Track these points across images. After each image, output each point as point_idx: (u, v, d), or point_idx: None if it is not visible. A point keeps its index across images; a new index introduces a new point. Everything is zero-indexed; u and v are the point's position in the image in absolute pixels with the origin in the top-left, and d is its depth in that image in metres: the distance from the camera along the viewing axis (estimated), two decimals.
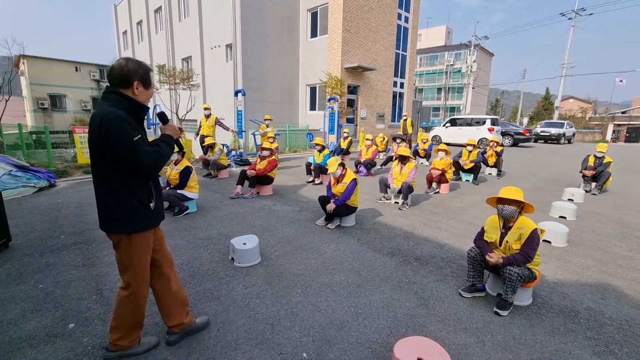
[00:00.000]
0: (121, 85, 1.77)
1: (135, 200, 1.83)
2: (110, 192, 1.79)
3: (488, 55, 46.15)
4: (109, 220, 1.83)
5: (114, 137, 1.66)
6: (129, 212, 1.82)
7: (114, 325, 1.99)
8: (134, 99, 1.81)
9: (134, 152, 1.70)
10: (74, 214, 4.89)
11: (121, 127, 1.67)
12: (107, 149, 1.69)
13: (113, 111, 1.68)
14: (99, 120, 1.66)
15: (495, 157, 8.89)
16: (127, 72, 1.76)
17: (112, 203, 1.80)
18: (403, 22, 19.04)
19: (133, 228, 1.85)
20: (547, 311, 2.72)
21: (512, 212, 2.68)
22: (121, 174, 1.77)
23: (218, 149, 7.60)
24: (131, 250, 1.89)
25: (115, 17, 26.72)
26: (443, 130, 18.31)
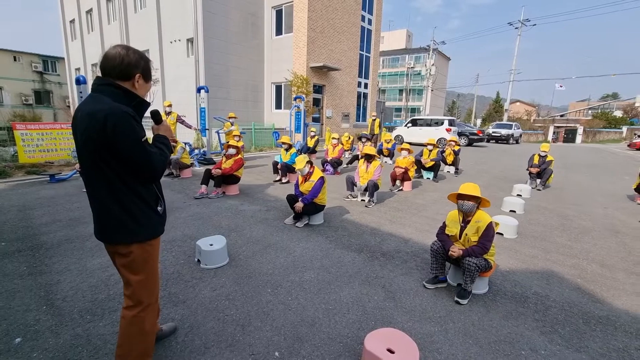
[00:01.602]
0: (120, 77, 1.57)
1: (144, 205, 1.66)
2: (116, 199, 1.59)
3: (445, 60, 48.58)
4: (116, 230, 1.62)
5: (122, 136, 1.47)
6: (140, 219, 1.64)
7: (121, 353, 1.74)
8: (134, 94, 1.61)
9: (144, 153, 1.54)
10: (17, 219, 4.46)
11: (130, 126, 1.49)
12: (112, 149, 1.49)
13: (119, 107, 1.49)
14: (103, 116, 1.44)
15: (453, 155, 9.41)
16: (127, 63, 1.56)
17: (118, 211, 1.60)
18: (366, 24, 19.49)
19: (146, 236, 1.68)
20: (501, 298, 2.94)
21: (470, 207, 2.86)
22: (126, 178, 1.58)
23: (180, 147, 7.29)
24: (144, 260, 1.70)
25: (61, 4, 24.57)
26: (405, 130, 19.00)
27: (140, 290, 1.73)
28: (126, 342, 1.74)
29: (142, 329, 1.76)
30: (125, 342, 1.74)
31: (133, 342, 1.75)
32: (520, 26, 31.44)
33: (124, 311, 1.74)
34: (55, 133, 7.24)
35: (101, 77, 1.58)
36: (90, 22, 21.68)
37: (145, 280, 1.73)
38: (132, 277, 1.70)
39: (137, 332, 1.75)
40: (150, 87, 1.72)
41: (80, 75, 6.45)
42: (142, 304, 1.74)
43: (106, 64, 1.55)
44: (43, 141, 7.16)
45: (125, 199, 1.60)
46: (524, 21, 31.31)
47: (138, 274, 1.71)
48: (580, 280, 3.34)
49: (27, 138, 6.92)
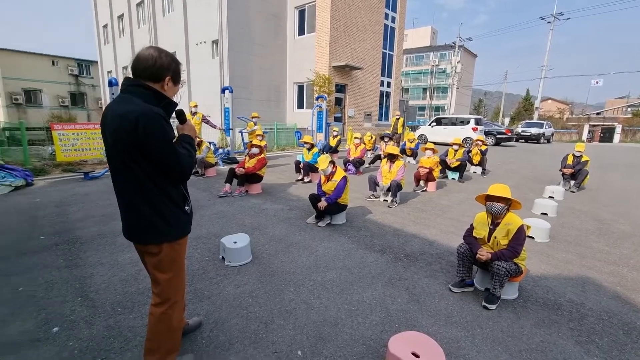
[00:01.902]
0: (150, 79, 1.59)
1: (173, 205, 1.69)
2: (145, 199, 1.62)
3: (471, 57, 47.14)
4: (146, 230, 1.65)
5: (154, 137, 1.50)
6: (170, 219, 1.68)
7: (150, 348, 1.80)
8: (163, 95, 1.63)
9: (174, 154, 1.57)
10: (54, 214, 4.72)
11: (161, 127, 1.52)
12: (143, 150, 1.51)
13: (150, 108, 1.51)
14: (135, 117, 1.46)
15: (480, 155, 9.11)
16: (160, 65, 1.59)
17: (148, 211, 1.63)
18: (390, 22, 19.21)
19: (175, 236, 1.72)
20: (532, 304, 2.80)
21: (500, 209, 2.75)
22: (156, 178, 1.60)
23: (205, 147, 7.48)
24: (173, 259, 1.75)
25: (94, 10, 25.84)
26: (429, 130, 18.60)
27: (168, 288, 1.77)
28: (155, 337, 1.79)
29: (170, 325, 1.81)
30: (154, 337, 1.79)
31: (161, 337, 1.80)
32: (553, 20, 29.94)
33: (152, 308, 1.79)
34: (89, 133, 7.61)
35: (131, 78, 1.60)
36: (121, 27, 22.67)
37: (173, 279, 1.78)
38: (161, 276, 1.74)
39: (166, 329, 1.80)
40: (178, 89, 1.74)
41: (112, 78, 6.75)
42: (170, 300, 1.79)
43: (138, 65, 1.57)
44: (78, 141, 7.54)
45: (155, 199, 1.63)
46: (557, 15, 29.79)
47: (166, 273, 1.75)
48: (619, 288, 3.14)
49: (64, 138, 7.32)
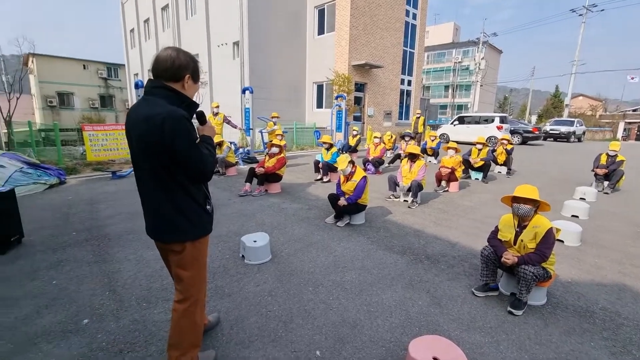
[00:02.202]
0: (171, 79, 1.61)
1: (196, 205, 1.72)
2: (169, 199, 1.65)
3: (496, 53, 45.64)
4: (170, 230, 1.69)
5: (179, 139, 1.52)
6: (193, 218, 1.71)
7: (173, 343, 1.84)
8: (185, 95, 1.66)
9: (199, 154, 1.60)
10: (85, 211, 4.94)
11: (186, 128, 1.54)
12: (169, 151, 1.54)
13: (176, 110, 1.54)
14: (161, 119, 1.49)
15: (505, 155, 8.80)
16: (178, 64, 1.60)
17: (172, 211, 1.66)
18: (411, 19, 18.88)
19: (197, 235, 1.75)
20: (562, 311, 2.67)
21: (527, 211, 2.63)
22: (180, 179, 1.63)
23: (226, 146, 7.62)
24: (195, 257, 1.79)
25: (122, 15, 26.88)
26: (451, 128, 18.16)
27: (190, 285, 1.81)
28: (178, 333, 1.83)
29: (193, 321, 1.85)
30: (177, 332, 1.83)
31: (184, 333, 1.84)
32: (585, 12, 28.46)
33: (175, 304, 1.83)
34: (117, 133, 7.92)
35: (154, 80, 1.63)
36: (147, 31, 23.45)
37: (195, 276, 1.81)
38: (184, 273, 1.78)
39: (188, 324, 1.84)
40: (198, 88, 1.77)
41: (138, 80, 7.00)
42: (192, 297, 1.83)
43: (158, 66, 1.60)
44: (107, 141, 7.86)
45: (178, 199, 1.66)
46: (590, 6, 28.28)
47: (189, 270, 1.78)
48: None
49: (94, 138, 7.65)
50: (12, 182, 5.54)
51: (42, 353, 2.09)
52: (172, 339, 1.84)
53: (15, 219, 3.65)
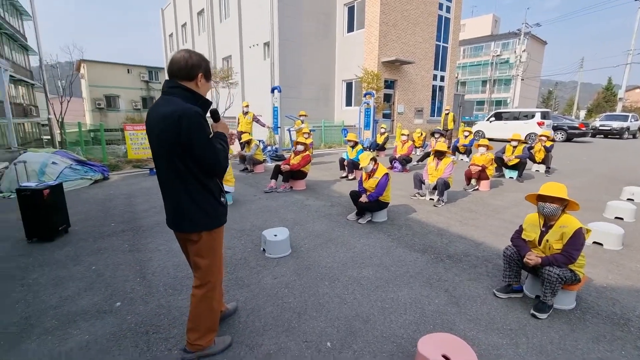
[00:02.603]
0: (185, 78, 1.72)
1: (212, 198, 1.83)
2: (187, 191, 1.76)
3: (540, 44, 42.83)
4: (189, 221, 1.81)
5: (195, 134, 1.63)
6: (208, 210, 1.82)
7: (192, 327, 1.96)
8: (199, 94, 1.76)
9: (212, 150, 1.70)
10: (124, 204, 5.33)
11: (201, 125, 1.65)
12: (185, 146, 1.66)
13: (192, 107, 1.64)
14: (178, 116, 1.60)
15: (543, 152, 8.28)
16: (191, 64, 1.71)
17: (188, 203, 1.77)
18: (444, 12, 18.24)
19: (214, 225, 1.87)
20: (592, 317, 2.51)
21: (553, 210, 2.50)
22: (197, 173, 1.74)
23: (254, 144, 7.85)
24: (211, 246, 1.91)
25: (162, 21, 28.39)
26: (487, 125, 17.38)
27: (207, 272, 1.94)
28: (196, 317, 1.96)
29: (211, 306, 1.97)
30: (195, 317, 1.96)
31: (202, 317, 1.96)
32: None
33: (194, 290, 1.96)
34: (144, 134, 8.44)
35: (170, 80, 1.75)
36: (184, 35, 24.61)
37: (211, 264, 1.94)
38: (201, 261, 1.91)
39: (206, 309, 1.96)
40: (210, 86, 1.87)
41: None
42: (210, 284, 1.95)
43: (173, 67, 1.71)
44: (145, 140, 8.39)
45: (196, 192, 1.78)
46: None
47: (206, 258, 1.91)
48: None
49: (134, 137, 8.20)
50: (63, 178, 6.10)
51: (80, 330, 2.32)
52: (191, 323, 1.98)
53: (63, 211, 4.03)
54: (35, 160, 5.99)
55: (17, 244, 3.79)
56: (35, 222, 3.74)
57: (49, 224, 3.78)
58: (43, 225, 3.77)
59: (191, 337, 1.97)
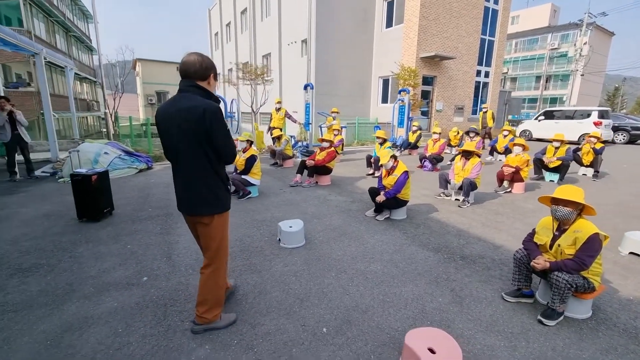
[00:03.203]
0: (199, 78, 1.94)
1: (222, 184, 2.07)
2: (202, 177, 1.98)
3: (606, 35, 38.84)
4: (202, 204, 2.03)
5: (217, 126, 1.88)
6: (220, 195, 2.05)
7: (201, 300, 2.18)
8: (211, 92, 2.00)
9: (229, 141, 1.96)
10: (161, 192, 5.83)
11: (222, 119, 1.91)
12: (208, 136, 1.89)
13: (212, 103, 1.89)
14: (202, 110, 1.83)
15: (592, 155, 7.64)
16: (205, 66, 1.93)
17: (203, 188, 2.00)
18: (492, 3, 17.24)
19: (223, 209, 2.09)
20: (607, 328, 2.38)
21: (566, 214, 2.39)
22: (213, 161, 1.98)
23: (284, 140, 8.11)
24: (221, 228, 2.12)
25: (209, 20, 29.84)
26: (534, 124, 16.22)
27: (216, 253, 2.16)
28: (205, 292, 2.19)
29: (217, 282, 2.20)
30: (204, 292, 2.19)
31: (210, 292, 2.19)
32: None
33: (202, 269, 2.20)
34: None
35: (187, 80, 1.96)
36: (228, 33, 25.67)
37: (219, 245, 2.16)
38: (212, 243, 2.14)
39: (213, 285, 2.19)
40: (217, 85, 2.11)
41: None
42: (217, 263, 2.18)
43: (188, 69, 1.93)
44: None
45: (210, 178, 2.02)
46: None
47: (215, 240, 2.13)
48: None
49: None
50: (113, 166, 6.79)
51: (111, 297, 2.66)
52: (200, 297, 2.21)
53: (108, 195, 4.53)
54: (90, 150, 6.72)
55: (70, 221, 4.34)
56: (85, 204, 4.26)
57: (96, 206, 4.29)
58: (91, 207, 4.28)
59: (199, 310, 2.21)
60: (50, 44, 19.42)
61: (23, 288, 2.78)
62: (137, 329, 2.29)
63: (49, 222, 4.32)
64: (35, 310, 2.49)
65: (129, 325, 2.32)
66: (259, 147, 10.57)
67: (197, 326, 2.24)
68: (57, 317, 2.40)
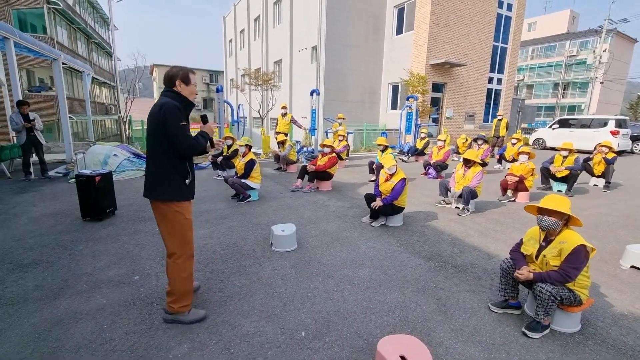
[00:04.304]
0: (170, 85, 2.27)
1: (177, 174, 2.23)
2: (158, 164, 2.20)
3: (629, 42, 37.78)
4: (156, 188, 2.22)
5: (169, 119, 2.11)
6: (172, 185, 2.22)
7: (169, 290, 2.34)
8: (183, 96, 2.27)
9: (178, 133, 2.14)
10: None
11: (174, 113, 2.14)
12: (161, 129, 2.13)
13: (170, 101, 2.16)
14: (160, 107, 2.13)
15: (604, 165, 7.41)
16: (170, 75, 2.27)
17: (158, 175, 2.21)
18: (505, 10, 17.05)
19: (177, 196, 2.24)
20: (595, 344, 2.31)
21: (551, 224, 2.35)
22: (168, 152, 2.18)
23: (288, 145, 8.19)
24: (172, 218, 2.25)
25: (224, 28, 30.50)
26: (548, 133, 15.85)
27: (169, 242, 2.31)
28: (171, 282, 2.34)
29: (179, 274, 2.33)
30: (170, 281, 2.34)
31: (175, 282, 2.33)
32: None
33: (166, 258, 2.35)
34: None
35: (164, 87, 2.30)
36: (242, 40, 26.17)
37: (173, 236, 2.29)
38: (163, 230, 2.30)
39: (176, 275, 2.32)
40: (192, 89, 2.32)
41: (219, 86, 8.04)
42: (175, 254, 2.31)
43: (164, 79, 2.30)
44: None
45: (166, 166, 2.20)
46: None
47: (166, 228, 2.28)
48: None
49: None
50: (121, 168, 7.00)
51: (102, 295, 2.75)
52: (169, 287, 2.35)
53: (111, 196, 4.69)
54: (100, 152, 6.96)
55: (74, 220, 4.51)
56: (89, 204, 4.42)
57: (99, 206, 4.44)
58: (94, 207, 4.43)
59: (168, 300, 2.37)
60: (71, 50, 20.25)
61: (21, 283, 2.91)
62: (122, 325, 2.37)
63: (55, 221, 4.50)
64: (30, 304, 2.60)
65: (115, 322, 2.40)
66: (265, 151, 10.70)
67: (167, 315, 2.39)
68: (48, 312, 2.50)
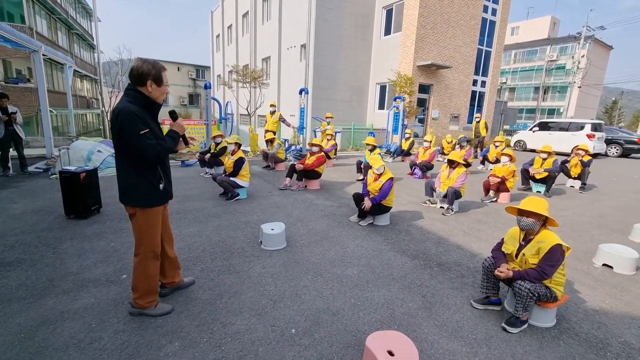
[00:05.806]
0: (138, 84, 2.09)
1: (147, 181, 2.19)
2: (126, 173, 2.16)
3: (605, 49, 39.25)
4: (125, 195, 2.21)
5: (126, 126, 2.00)
6: (141, 191, 2.19)
7: (133, 286, 2.39)
8: (148, 97, 2.13)
9: (139, 143, 2.03)
10: None
11: (132, 121, 1.99)
12: (120, 138, 2.06)
13: (128, 106, 2.01)
14: (116, 114, 2.01)
15: (580, 167, 7.75)
16: (141, 72, 2.06)
17: (127, 182, 2.17)
18: (489, 14, 17.48)
19: (144, 204, 2.23)
20: (569, 337, 2.45)
21: (530, 224, 2.48)
22: (133, 160, 2.12)
23: (277, 143, 8.19)
24: (143, 223, 2.26)
25: (211, 22, 30.03)
26: (529, 135, 16.40)
27: (139, 244, 2.32)
28: (135, 279, 2.38)
29: (144, 272, 2.36)
30: (134, 278, 2.38)
31: (138, 280, 2.39)
32: None
33: (133, 257, 2.38)
34: (190, 127, 9.09)
35: (129, 83, 2.13)
36: (229, 36, 25.85)
37: (142, 237, 2.30)
38: (135, 233, 2.32)
39: (140, 273, 2.36)
40: (164, 90, 2.19)
41: (207, 82, 7.96)
42: (142, 253, 2.34)
43: (129, 74, 2.11)
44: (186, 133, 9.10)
45: (131, 174, 2.16)
46: None
47: (137, 231, 2.30)
48: None
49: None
50: (106, 164, 6.85)
51: (89, 294, 2.72)
52: (133, 283, 2.40)
53: (96, 193, 4.60)
54: (83, 147, 6.79)
55: (58, 218, 4.40)
56: (73, 201, 4.33)
57: (83, 203, 4.35)
58: (79, 204, 4.34)
59: (133, 295, 2.42)
60: (51, 41, 19.53)
61: (3, 282, 2.84)
62: (111, 324, 2.36)
63: (37, 218, 4.39)
64: (14, 303, 2.55)
65: (103, 321, 2.39)
66: (253, 149, 10.66)
67: (133, 309, 2.44)
68: (34, 311, 2.47)
